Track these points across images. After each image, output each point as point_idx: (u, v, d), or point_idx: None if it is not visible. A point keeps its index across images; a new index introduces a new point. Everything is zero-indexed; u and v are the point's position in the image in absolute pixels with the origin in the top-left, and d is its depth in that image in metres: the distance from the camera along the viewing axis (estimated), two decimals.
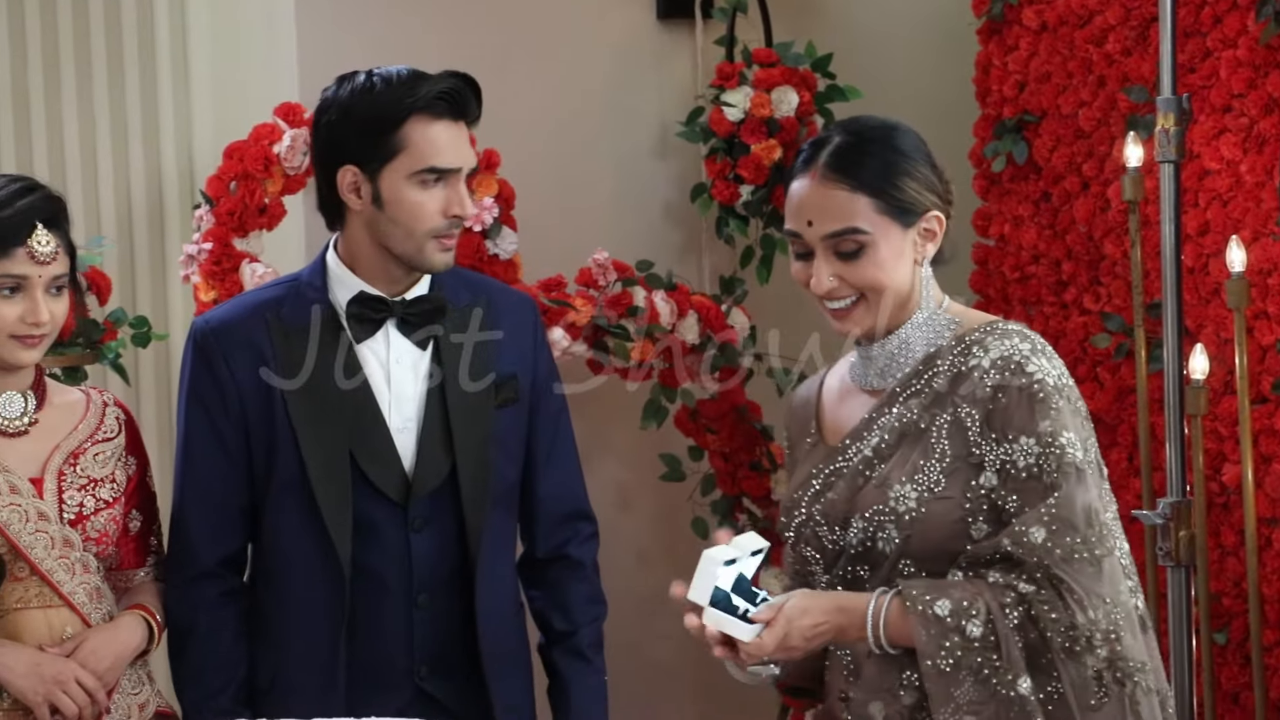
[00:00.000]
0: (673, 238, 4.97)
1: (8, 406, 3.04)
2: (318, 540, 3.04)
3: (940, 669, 2.58)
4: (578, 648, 3.22)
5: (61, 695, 2.95)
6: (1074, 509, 2.60)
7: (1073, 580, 2.57)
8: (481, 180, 4.44)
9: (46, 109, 4.56)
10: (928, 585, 2.63)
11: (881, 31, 4.98)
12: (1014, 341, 2.68)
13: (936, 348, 2.73)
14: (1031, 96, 4.49)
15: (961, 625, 2.58)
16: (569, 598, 3.22)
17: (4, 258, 2.94)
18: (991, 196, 4.60)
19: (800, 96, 4.63)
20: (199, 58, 4.60)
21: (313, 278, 3.12)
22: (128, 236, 4.61)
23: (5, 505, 2.98)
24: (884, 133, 2.77)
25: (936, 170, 2.75)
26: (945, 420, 2.68)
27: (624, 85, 4.96)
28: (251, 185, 4.27)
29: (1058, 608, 2.57)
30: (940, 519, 2.66)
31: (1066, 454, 2.62)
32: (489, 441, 3.10)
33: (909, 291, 2.74)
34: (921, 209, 2.72)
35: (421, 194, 3.02)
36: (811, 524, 2.78)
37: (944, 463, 2.67)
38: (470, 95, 3.05)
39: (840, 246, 2.71)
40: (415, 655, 3.10)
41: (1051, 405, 2.63)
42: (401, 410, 3.09)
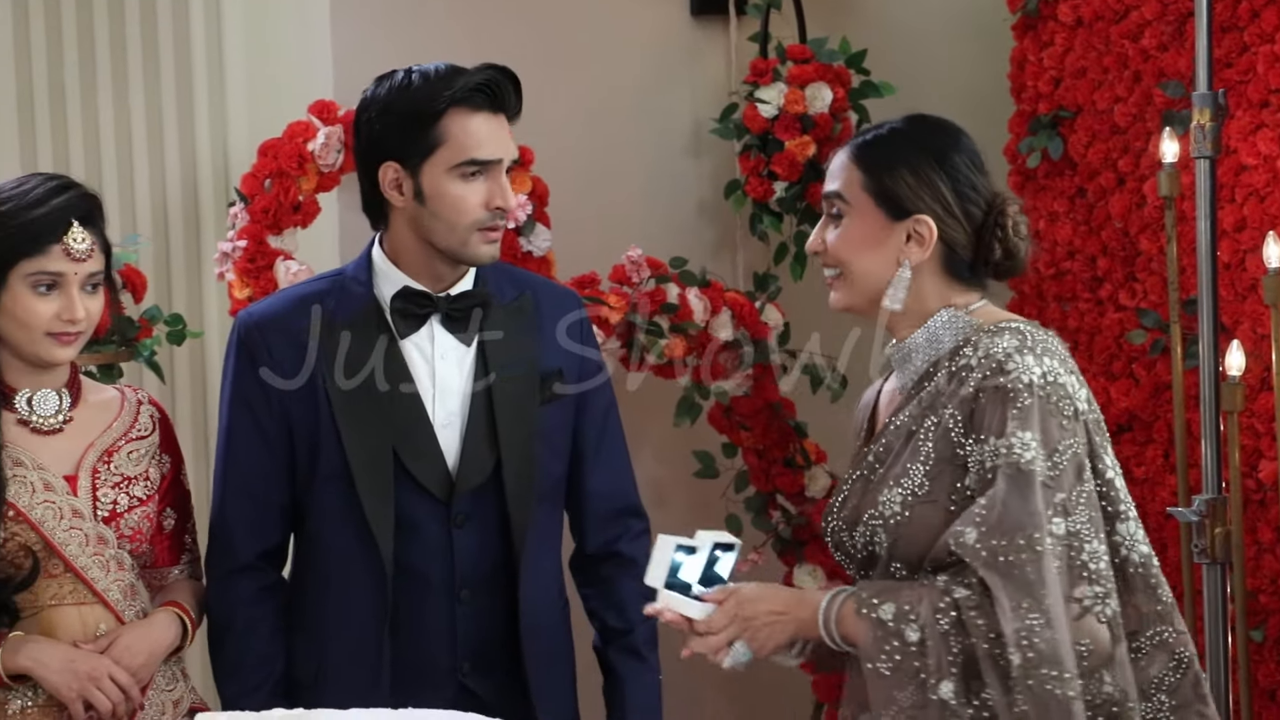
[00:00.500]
0: (706, 234, 4.96)
1: (43, 404, 3.05)
2: (360, 536, 3.04)
3: (880, 672, 2.57)
4: (633, 646, 3.21)
5: (96, 691, 2.96)
6: (1008, 509, 2.55)
7: (996, 586, 2.53)
8: (515, 177, 4.44)
9: (83, 108, 4.58)
10: (879, 588, 2.62)
11: (916, 27, 4.97)
12: (1003, 340, 2.65)
13: (947, 350, 2.71)
14: (1067, 92, 4.47)
15: (901, 630, 2.56)
16: (623, 595, 3.20)
17: (40, 255, 2.95)
18: (1026, 192, 4.58)
19: (834, 93, 4.62)
20: (234, 56, 4.61)
21: (357, 272, 3.12)
22: (163, 234, 4.62)
23: (40, 502, 2.99)
24: (921, 127, 2.77)
25: (956, 181, 2.71)
26: (933, 423, 2.66)
27: (657, 82, 4.96)
28: (286, 183, 4.28)
29: (986, 614, 2.54)
30: (924, 522, 2.65)
31: (1014, 454, 2.57)
32: (534, 437, 3.09)
33: (883, 288, 2.72)
34: (911, 207, 2.70)
35: (463, 187, 3.02)
36: (839, 529, 2.78)
37: (927, 465, 2.65)
38: (509, 87, 3.05)
39: (829, 208, 2.77)
40: (458, 652, 3.09)
41: (1018, 403, 2.59)
42: (446, 406, 3.08)
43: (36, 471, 3.00)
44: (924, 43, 4.95)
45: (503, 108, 3.05)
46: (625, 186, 4.93)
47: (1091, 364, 4.40)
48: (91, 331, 3.05)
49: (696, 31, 4.99)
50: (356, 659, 3.07)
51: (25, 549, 2.97)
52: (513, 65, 4.54)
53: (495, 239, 3.05)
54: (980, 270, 2.74)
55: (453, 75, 3.03)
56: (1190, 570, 3.97)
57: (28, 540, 2.97)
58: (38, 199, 2.97)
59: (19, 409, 3.03)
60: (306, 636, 3.11)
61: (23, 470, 2.99)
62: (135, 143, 4.59)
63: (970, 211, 2.71)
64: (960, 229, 2.71)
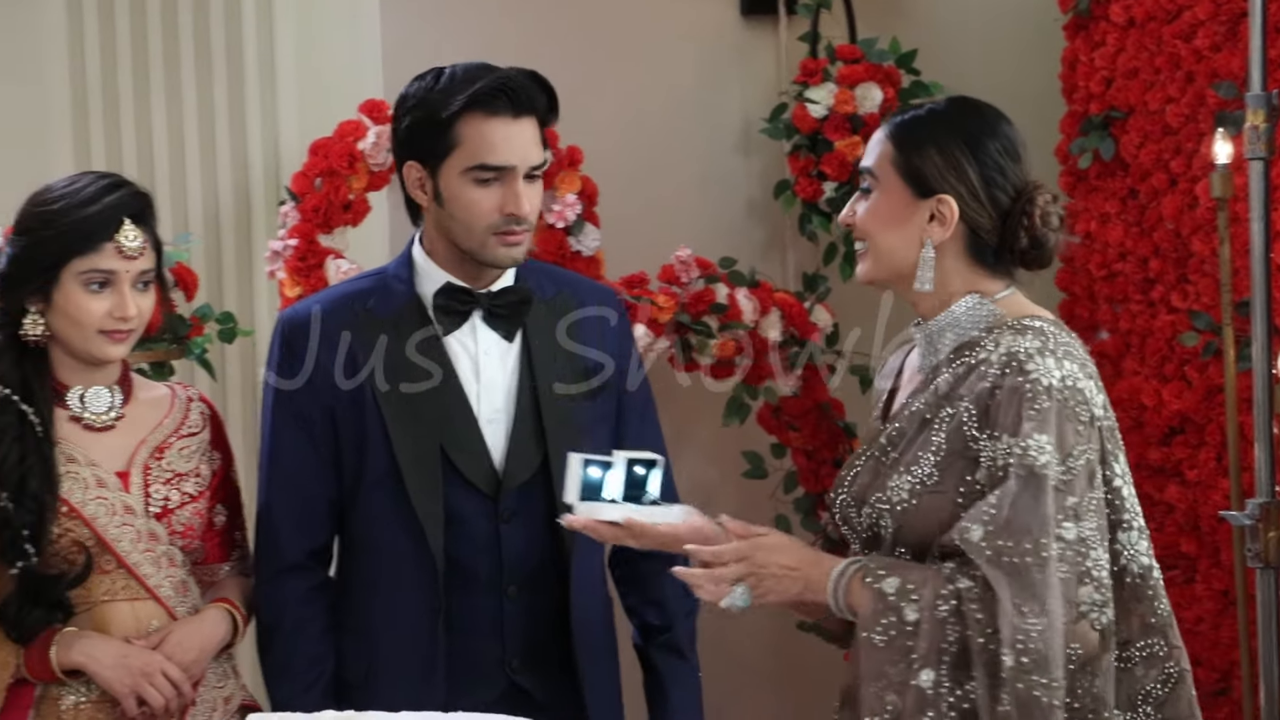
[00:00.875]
0: (756, 234, 4.96)
1: (95, 401, 3.07)
2: (409, 533, 3.04)
3: (873, 643, 2.56)
4: (674, 644, 3.22)
5: (148, 687, 2.97)
6: (1015, 512, 2.54)
7: (1000, 584, 2.52)
8: (564, 177, 4.45)
9: (135, 107, 4.60)
10: (888, 563, 2.62)
11: (967, 27, 4.95)
12: (1025, 339, 2.63)
13: (970, 338, 2.70)
14: (1118, 93, 4.45)
15: (900, 606, 2.56)
16: (663, 593, 3.20)
17: (92, 253, 2.97)
18: (1078, 193, 4.56)
19: (884, 93, 4.61)
20: (285, 55, 4.63)
21: (399, 270, 3.13)
22: (214, 233, 4.63)
23: (92, 498, 3.00)
24: (960, 109, 2.77)
25: (984, 165, 2.69)
26: (947, 414, 2.65)
27: (707, 82, 4.96)
28: (336, 181, 4.29)
29: (986, 609, 2.52)
30: (931, 512, 2.64)
31: (1028, 456, 2.56)
32: (580, 431, 3.10)
33: (906, 265, 2.72)
34: (936, 186, 2.69)
35: (476, 191, 3.01)
36: (846, 505, 2.78)
37: (939, 456, 2.64)
38: (531, 90, 3.02)
39: (861, 182, 2.78)
40: (506, 648, 3.09)
41: (1035, 405, 2.57)
42: (491, 402, 3.09)
43: (89, 468, 3.02)
44: (974, 43, 4.93)
45: (525, 111, 3.01)
46: (674, 186, 4.93)
47: (1143, 366, 4.38)
48: (143, 329, 3.06)
49: (746, 31, 4.99)
50: (408, 657, 3.07)
51: (78, 545, 2.99)
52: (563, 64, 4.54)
53: (514, 242, 3.03)
54: (1006, 258, 2.73)
55: (474, 77, 3.01)
56: (1244, 574, 3.94)
57: (80, 536, 2.99)
58: (90, 197, 2.98)
59: (71, 406, 3.05)
60: (356, 637, 3.11)
61: (75, 466, 3.01)
62: (187, 142, 4.61)
63: (996, 197, 2.70)
64: (985, 213, 2.70)
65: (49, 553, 2.96)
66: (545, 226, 4.47)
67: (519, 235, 3.02)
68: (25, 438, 2.97)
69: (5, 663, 2.95)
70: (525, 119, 3.01)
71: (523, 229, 3.02)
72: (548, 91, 3.05)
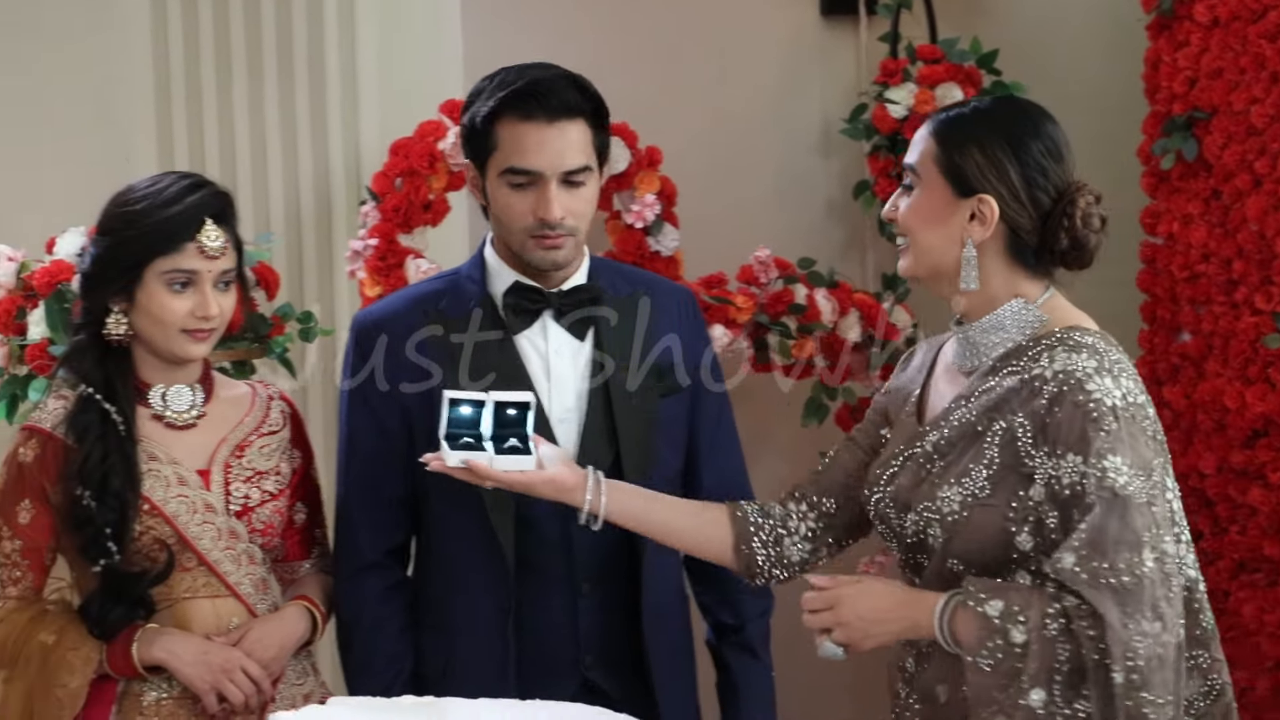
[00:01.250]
0: (835, 235, 4.95)
1: (177, 400, 3.09)
2: (480, 532, 3.06)
3: (980, 668, 2.55)
4: (746, 643, 3.23)
5: (228, 684, 3.00)
6: (1105, 534, 2.53)
7: (1104, 605, 2.51)
8: (644, 177, 4.46)
9: (219, 107, 4.63)
10: (989, 586, 2.61)
11: (1048, 27, 4.92)
12: (1081, 358, 2.62)
13: (1016, 344, 2.70)
14: (1202, 93, 4.41)
15: (1007, 629, 2.55)
16: (735, 592, 3.22)
17: (175, 253, 2.99)
18: (1160, 194, 4.53)
19: (965, 93, 4.58)
20: (367, 56, 4.65)
21: (471, 271, 3.14)
22: (295, 232, 4.66)
23: (174, 496, 3.03)
24: (1004, 108, 2.77)
25: (1025, 166, 2.69)
26: (1000, 428, 2.65)
27: (787, 82, 4.95)
28: (416, 181, 4.31)
29: (1096, 625, 2.51)
30: (982, 526, 2.64)
31: (1107, 478, 2.55)
32: (653, 431, 3.10)
33: (945, 263, 2.73)
34: (977, 186, 2.69)
35: (511, 195, 3.02)
36: (884, 504, 2.78)
37: (991, 470, 2.64)
38: (566, 94, 3.00)
39: (905, 178, 2.78)
40: (580, 645, 3.11)
41: (1104, 427, 2.56)
42: (562, 401, 3.10)
43: (171, 466, 3.04)
44: (1056, 43, 4.90)
45: (560, 115, 2.99)
46: (754, 186, 4.92)
47: (1226, 368, 4.34)
48: (224, 328, 3.08)
49: (826, 31, 4.98)
50: (482, 655, 3.08)
51: (160, 543, 3.01)
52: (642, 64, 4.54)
53: (550, 246, 3.02)
54: (1046, 259, 2.72)
55: (513, 80, 3.01)
56: None
57: (162, 534, 3.01)
58: (172, 197, 3.01)
59: (154, 404, 3.07)
60: (433, 634, 3.13)
61: (157, 465, 3.03)
62: (269, 142, 4.64)
63: (1037, 198, 2.69)
64: (1025, 214, 2.70)
65: (131, 550, 2.99)
66: (624, 227, 4.47)
67: (553, 239, 3.02)
68: (108, 436, 3.00)
69: (88, 659, 2.98)
70: (561, 123, 2.99)
71: (558, 233, 3.01)
72: (587, 93, 3.03)
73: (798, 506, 2.96)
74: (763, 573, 2.94)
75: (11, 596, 3.02)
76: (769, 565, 2.94)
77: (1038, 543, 2.61)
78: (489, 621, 3.08)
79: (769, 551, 2.93)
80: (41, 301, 3.95)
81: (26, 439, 3.03)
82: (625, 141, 4.44)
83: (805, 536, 2.95)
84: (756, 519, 2.95)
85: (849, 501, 2.93)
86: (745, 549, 2.93)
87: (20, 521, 3.00)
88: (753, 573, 2.95)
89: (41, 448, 3.01)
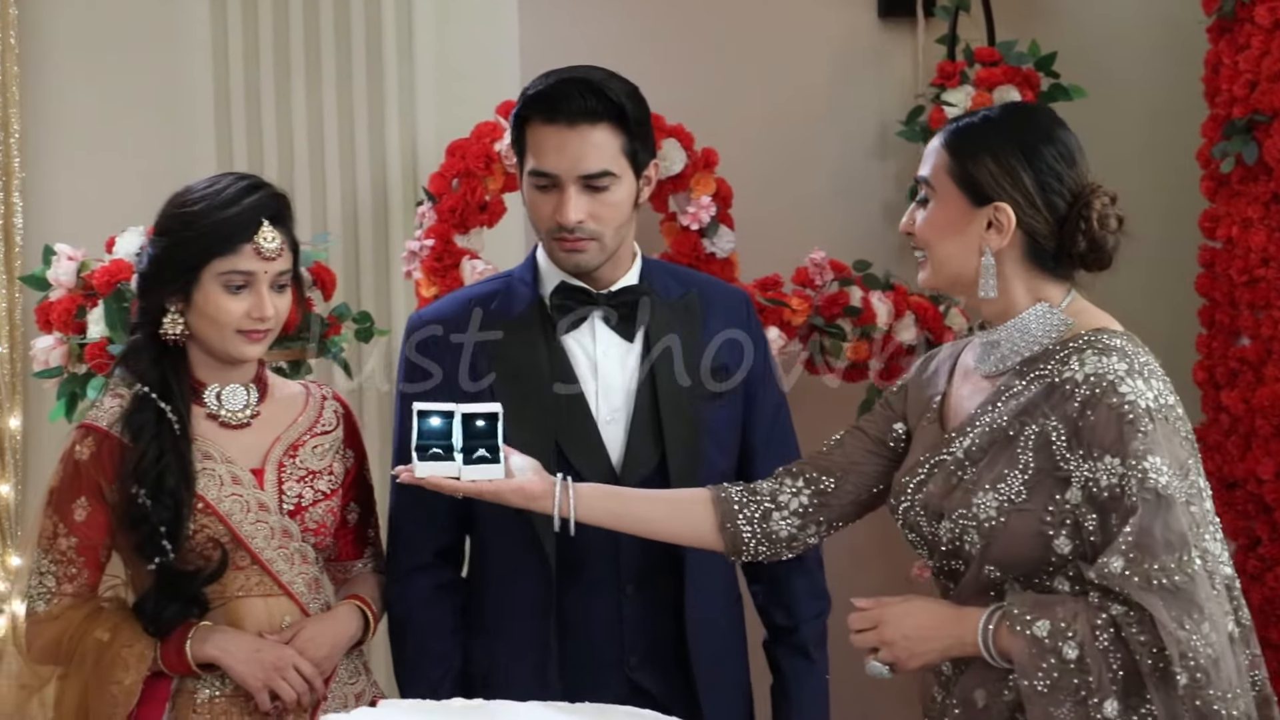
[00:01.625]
0: (891, 238, 4.93)
1: (231, 399, 3.11)
2: (525, 533, 3.06)
3: (1037, 689, 2.55)
4: (800, 644, 3.22)
5: (280, 681, 3.01)
6: (1152, 536, 2.53)
7: (1156, 607, 2.50)
8: (700, 179, 4.46)
9: (277, 109, 4.66)
10: (1032, 603, 2.61)
11: (1107, 29, 4.90)
12: (1111, 360, 2.63)
13: (1042, 348, 2.71)
14: (1263, 96, 4.38)
15: (1058, 647, 2.54)
16: (790, 592, 3.22)
17: (232, 254, 3.00)
18: (1220, 198, 4.50)
19: (1023, 96, 4.57)
20: (424, 58, 4.67)
21: (523, 273, 3.15)
22: (352, 233, 4.68)
23: (228, 495, 3.04)
24: (1013, 116, 2.78)
25: (1039, 171, 2.69)
26: (1033, 432, 2.65)
27: (844, 84, 4.94)
28: (473, 182, 4.32)
29: (1147, 630, 2.51)
30: (1019, 530, 2.64)
31: (1149, 479, 2.55)
32: (700, 432, 3.10)
33: (965, 273, 2.73)
34: (992, 194, 2.70)
35: (535, 196, 3.03)
36: (914, 512, 2.79)
37: (1026, 474, 2.64)
38: (585, 98, 2.98)
39: (919, 192, 2.79)
40: (625, 646, 3.11)
41: (1140, 428, 2.57)
42: (609, 402, 3.10)
43: (225, 465, 3.06)
44: (1115, 45, 4.88)
45: (580, 118, 2.98)
46: (810, 188, 4.92)
47: None
48: (279, 329, 3.09)
49: (884, 33, 4.97)
50: (526, 656, 3.09)
51: (213, 541, 3.03)
52: (699, 66, 4.53)
53: (570, 249, 3.03)
54: (1065, 261, 2.73)
55: (537, 83, 3.03)
56: None
57: (216, 533, 3.03)
58: (229, 199, 3.02)
59: (208, 404, 3.09)
60: (481, 635, 3.14)
61: (211, 464, 3.05)
62: (327, 143, 4.67)
63: (1053, 202, 2.70)
64: (1041, 219, 2.71)
65: (185, 549, 3.01)
66: (680, 229, 4.47)
67: (572, 242, 3.02)
68: (163, 435, 3.02)
69: (142, 655, 2.99)
70: (582, 127, 2.98)
71: (577, 236, 3.01)
72: (614, 97, 3.00)
73: (793, 482, 2.96)
74: (748, 549, 2.96)
75: (67, 594, 3.04)
76: (754, 542, 2.96)
77: (1076, 545, 2.62)
78: (533, 624, 3.08)
79: (754, 528, 2.95)
80: (101, 300, 3.98)
81: (83, 437, 3.05)
82: (681, 143, 4.44)
83: (795, 512, 2.95)
84: (741, 498, 2.96)
85: (848, 484, 2.95)
86: (730, 526, 2.95)
87: (76, 519, 3.03)
88: (738, 550, 2.96)
89: (98, 446, 3.03)
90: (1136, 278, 2.91)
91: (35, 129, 4.57)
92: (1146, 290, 2.95)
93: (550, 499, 2.91)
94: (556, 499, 2.90)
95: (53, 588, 3.03)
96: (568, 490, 2.92)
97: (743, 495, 2.97)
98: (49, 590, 3.03)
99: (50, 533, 3.03)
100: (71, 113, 4.62)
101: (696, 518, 2.97)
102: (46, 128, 4.60)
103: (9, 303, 4.50)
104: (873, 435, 2.97)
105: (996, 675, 2.66)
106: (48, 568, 3.04)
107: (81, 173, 4.60)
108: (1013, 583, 2.67)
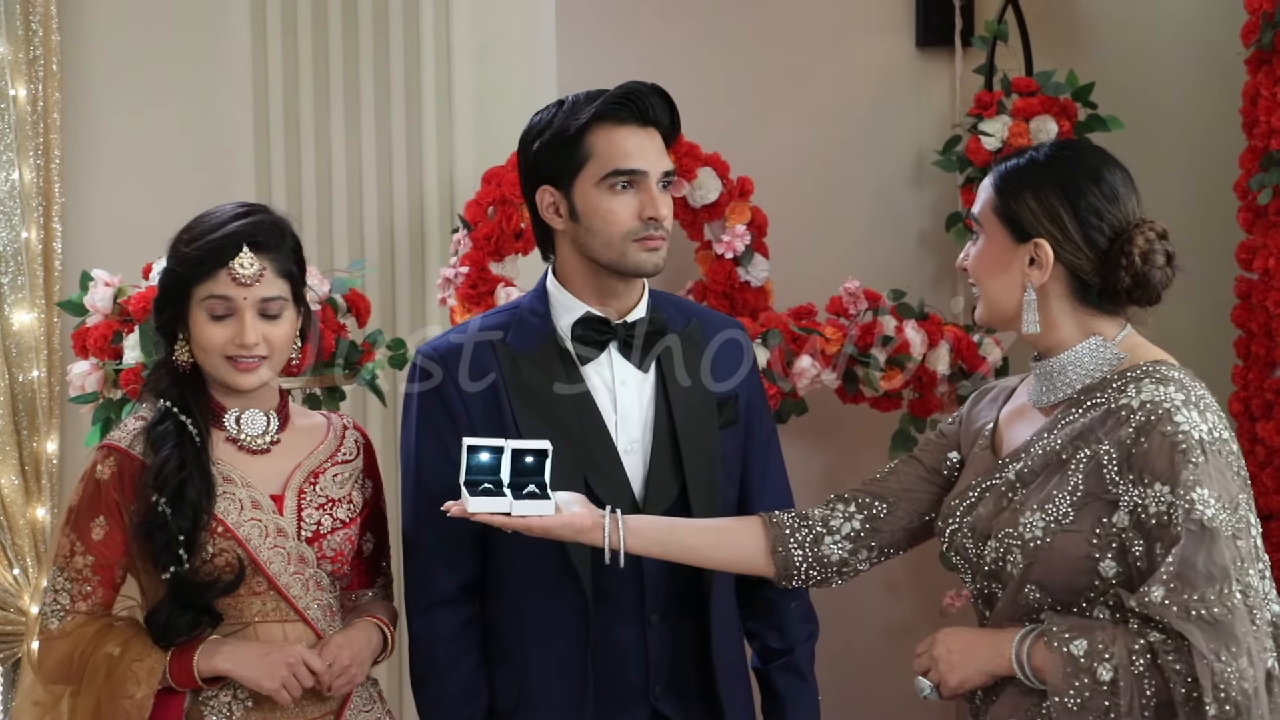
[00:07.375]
0: (926, 267, 4.94)
1: (250, 424, 3.12)
2: (555, 564, 3.06)
3: (1067, 706, 2.59)
4: (795, 666, 3.26)
5: (292, 677, 2.99)
6: (1194, 567, 2.55)
7: (1194, 637, 2.53)
8: (735, 207, 4.46)
9: (316, 137, 4.69)
10: (1071, 623, 2.64)
11: (1145, 60, 4.89)
12: (1168, 390, 2.66)
13: (1097, 379, 2.74)
14: None
15: (1093, 667, 2.57)
16: (784, 616, 3.26)
17: (209, 279, 3.01)
18: (1256, 230, 4.48)
19: (1060, 126, 4.56)
20: (462, 86, 4.69)
21: (534, 304, 3.15)
22: (389, 260, 4.71)
23: (247, 520, 3.05)
24: (1060, 153, 2.80)
25: (1077, 208, 2.73)
26: (1085, 456, 2.68)
27: (881, 113, 4.94)
28: (508, 210, 4.34)
29: (1183, 659, 2.53)
30: (1065, 552, 2.66)
31: (1195, 510, 2.57)
32: (714, 462, 3.12)
33: (1010, 308, 2.78)
34: (1031, 231, 2.75)
35: (611, 199, 3.04)
36: (961, 535, 2.82)
37: (1075, 496, 2.67)
38: (655, 101, 3.06)
39: (971, 229, 2.86)
40: (650, 675, 3.12)
41: (1191, 459, 2.59)
42: (628, 432, 3.11)
43: (245, 489, 3.07)
44: (1153, 76, 4.86)
45: (649, 120, 3.06)
46: (846, 217, 4.92)
47: None
48: (280, 358, 3.08)
49: (921, 63, 4.97)
50: (556, 688, 3.09)
51: (231, 566, 3.02)
52: (736, 94, 4.53)
53: (654, 247, 3.06)
54: (1112, 297, 2.75)
55: (597, 94, 3.07)
56: None
57: (234, 557, 3.03)
58: (214, 225, 3.03)
59: (228, 427, 3.10)
60: (506, 668, 3.13)
61: (232, 488, 3.06)
62: (365, 170, 4.70)
63: (1093, 238, 2.73)
64: (1083, 255, 2.74)
65: (203, 572, 3.01)
66: (714, 257, 4.48)
67: (655, 240, 3.05)
68: (184, 446, 3.03)
69: (153, 669, 2.98)
70: (651, 128, 3.06)
71: (660, 234, 3.06)
72: (670, 106, 3.09)
73: (845, 507, 2.99)
74: (799, 574, 2.99)
75: (80, 611, 3.04)
76: (805, 566, 2.98)
77: (1120, 570, 2.64)
78: (563, 653, 3.08)
79: (806, 552, 2.98)
80: (137, 326, 4.00)
81: (104, 457, 3.06)
82: (717, 171, 4.45)
83: (847, 536, 2.98)
84: (793, 523, 2.99)
85: (900, 510, 2.98)
86: (781, 550, 2.98)
87: (94, 537, 3.04)
88: (790, 574, 2.99)
89: (118, 465, 3.04)
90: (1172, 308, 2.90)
91: (75, 155, 4.61)
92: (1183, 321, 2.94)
93: (599, 531, 2.92)
94: (606, 531, 2.92)
95: (66, 605, 3.05)
96: (617, 522, 2.93)
97: (794, 520, 3.00)
98: (62, 608, 3.05)
99: (67, 550, 3.05)
100: (111, 139, 4.66)
101: (746, 543, 3.00)
102: (86, 154, 4.64)
103: (47, 327, 4.54)
104: (927, 464, 3.00)
105: (1028, 703, 2.68)
106: (63, 585, 3.05)
107: (120, 199, 4.63)
108: (1050, 610, 2.69)
